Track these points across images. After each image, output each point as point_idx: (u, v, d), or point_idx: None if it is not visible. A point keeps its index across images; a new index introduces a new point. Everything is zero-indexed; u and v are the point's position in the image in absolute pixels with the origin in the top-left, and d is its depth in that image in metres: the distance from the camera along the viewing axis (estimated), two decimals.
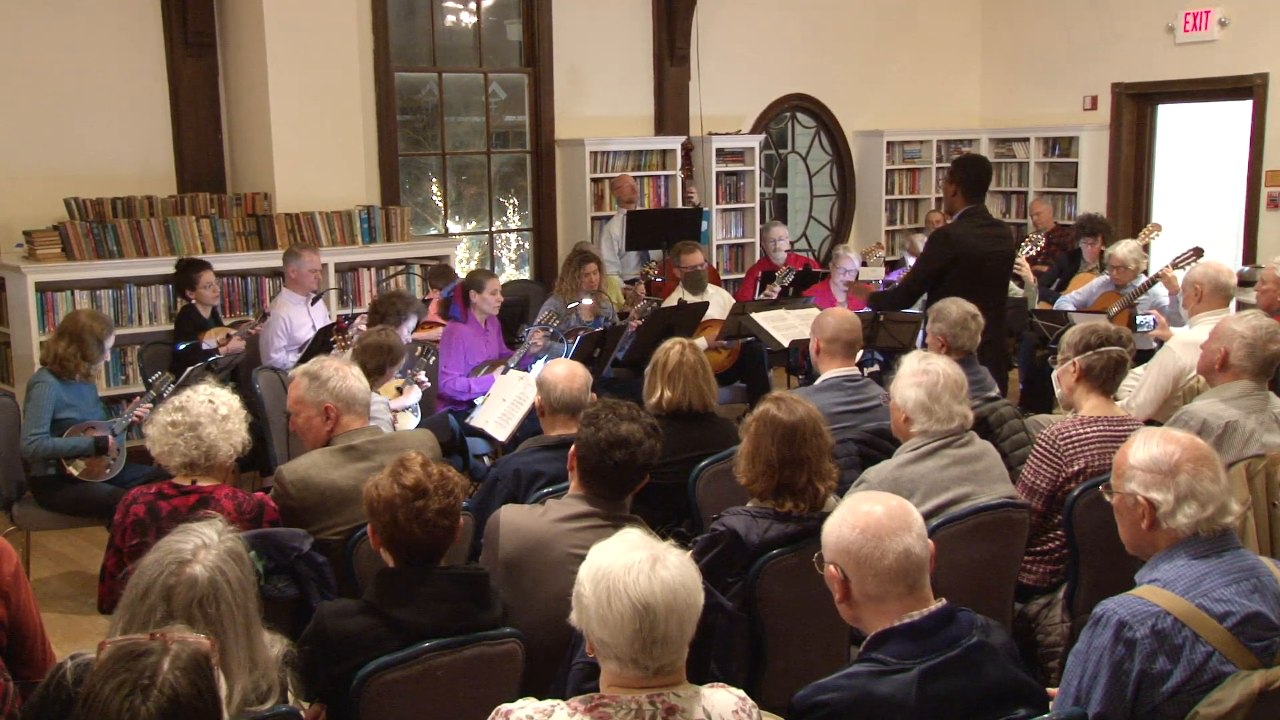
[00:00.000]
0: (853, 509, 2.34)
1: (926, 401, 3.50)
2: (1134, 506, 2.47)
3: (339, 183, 7.53)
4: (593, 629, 2.04)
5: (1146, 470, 2.45)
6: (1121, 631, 2.29)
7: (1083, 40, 10.50)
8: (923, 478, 3.45)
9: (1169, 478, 2.41)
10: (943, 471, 3.47)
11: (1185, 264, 6.84)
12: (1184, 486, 2.40)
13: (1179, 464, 2.41)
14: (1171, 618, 2.29)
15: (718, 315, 7.08)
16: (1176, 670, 2.27)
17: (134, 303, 6.76)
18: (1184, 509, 2.40)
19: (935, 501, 3.41)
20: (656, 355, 4.20)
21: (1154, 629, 2.28)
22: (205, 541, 2.23)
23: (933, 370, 3.53)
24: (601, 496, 3.13)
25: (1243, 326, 3.97)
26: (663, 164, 9.45)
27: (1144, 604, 2.32)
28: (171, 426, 3.29)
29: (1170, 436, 2.48)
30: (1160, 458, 2.44)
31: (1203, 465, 2.42)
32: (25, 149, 6.91)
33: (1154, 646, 2.27)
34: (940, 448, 3.50)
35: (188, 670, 1.74)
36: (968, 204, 5.65)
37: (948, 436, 3.51)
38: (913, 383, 3.53)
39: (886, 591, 2.27)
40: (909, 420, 3.54)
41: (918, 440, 3.53)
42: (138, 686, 1.70)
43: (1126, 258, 6.80)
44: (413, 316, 5.78)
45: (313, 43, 7.29)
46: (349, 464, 3.52)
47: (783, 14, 10.11)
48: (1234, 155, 9.75)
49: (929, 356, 3.64)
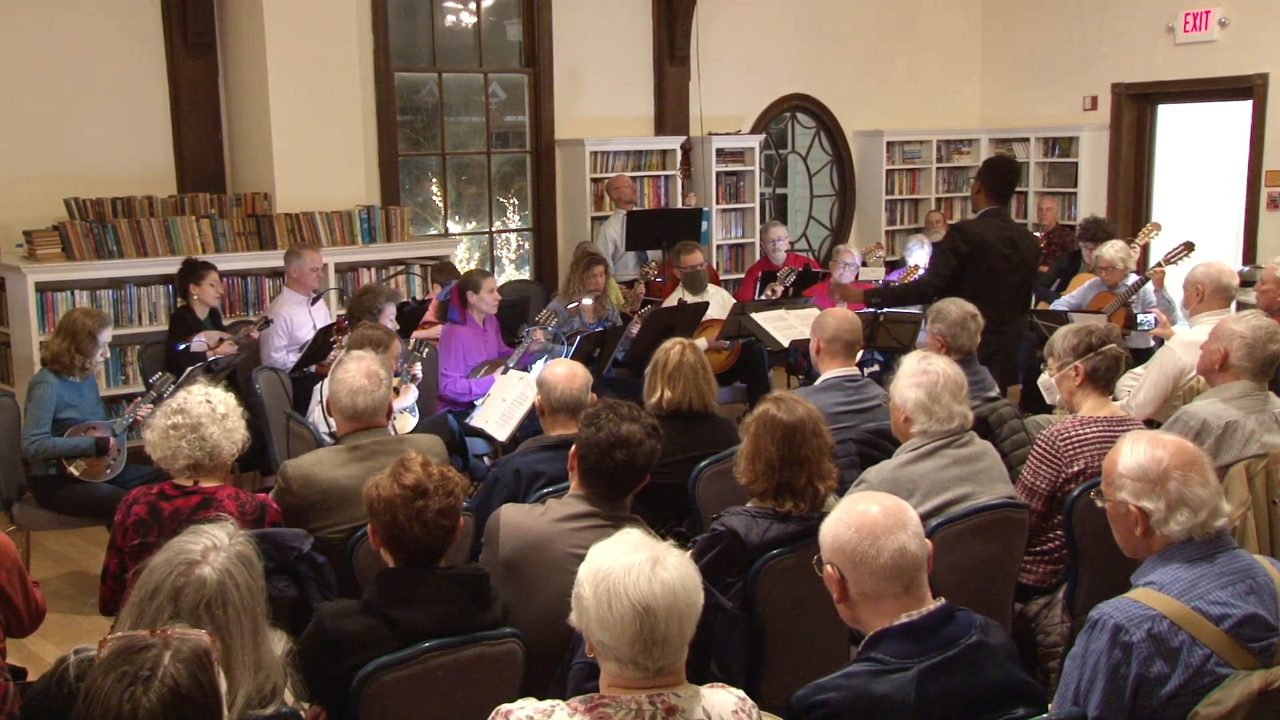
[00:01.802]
0: (849, 509, 2.34)
1: (926, 402, 3.49)
2: (1126, 514, 2.47)
3: (339, 183, 7.53)
4: (592, 630, 2.04)
5: (1136, 479, 2.45)
6: (1118, 635, 2.29)
7: (1083, 40, 10.50)
8: (922, 477, 3.45)
9: (1159, 486, 2.42)
10: (942, 471, 3.47)
11: (1177, 259, 6.86)
12: (1174, 494, 2.40)
13: (1167, 471, 2.42)
14: (1168, 621, 2.29)
15: (718, 315, 7.08)
16: (1174, 674, 2.27)
17: (134, 303, 6.76)
18: (1176, 516, 2.40)
19: (935, 501, 3.41)
20: (656, 355, 4.20)
21: (1150, 632, 2.28)
22: (215, 544, 2.23)
23: (933, 370, 3.52)
24: (602, 496, 3.13)
25: (1242, 326, 3.97)
26: (662, 164, 9.46)
27: (1140, 608, 2.32)
28: (173, 430, 3.28)
29: (1157, 441, 2.48)
30: (1148, 465, 2.44)
31: (1191, 470, 2.42)
32: (25, 149, 6.91)
33: (1151, 650, 2.27)
34: (940, 448, 3.50)
35: (188, 663, 1.74)
36: (990, 204, 5.68)
37: (947, 436, 3.50)
38: (913, 383, 3.53)
39: (882, 590, 2.27)
40: (909, 420, 3.54)
41: (917, 440, 3.52)
42: (138, 678, 1.71)
43: (1114, 258, 6.81)
44: (389, 304, 5.77)
45: (313, 43, 7.29)
46: (354, 463, 3.52)
47: (783, 14, 10.11)
48: (1234, 155, 9.75)
49: (929, 357, 3.63)
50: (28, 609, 3.13)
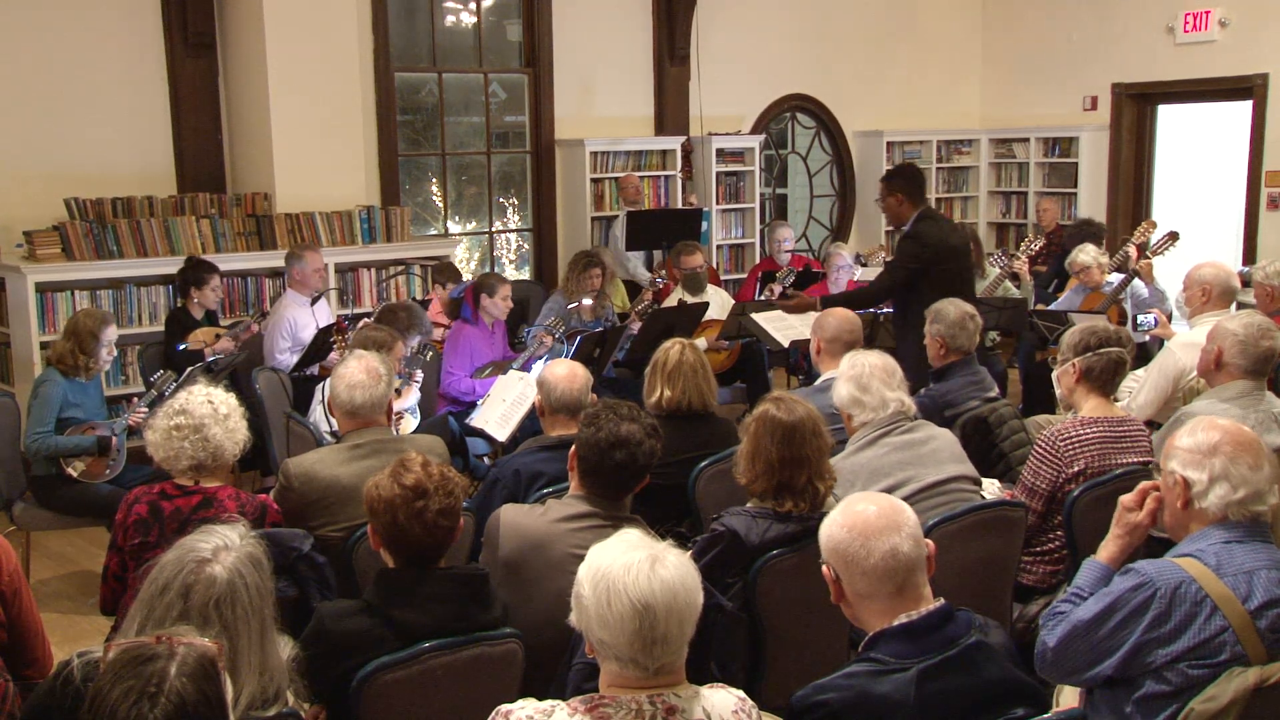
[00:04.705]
0: (846, 509, 2.36)
1: (857, 393, 3.63)
2: (1173, 485, 2.52)
3: (339, 183, 7.53)
4: (592, 629, 2.04)
5: (1188, 450, 2.50)
6: (1144, 583, 2.36)
7: (1083, 40, 10.50)
8: (862, 466, 3.55)
9: (1206, 458, 2.47)
10: (883, 458, 3.56)
11: (1162, 249, 6.88)
12: (1218, 468, 2.45)
13: (1218, 445, 2.47)
14: (1197, 585, 2.34)
15: (717, 315, 7.08)
16: (1185, 635, 2.31)
17: (134, 303, 6.76)
18: (1215, 489, 2.45)
19: (877, 486, 3.46)
20: (656, 355, 4.21)
21: (1176, 590, 2.33)
22: (226, 543, 2.23)
23: (859, 363, 3.67)
24: (601, 496, 3.13)
25: (1235, 325, 3.99)
26: (663, 164, 9.46)
27: (1174, 568, 2.38)
28: (175, 430, 3.28)
29: (1215, 423, 2.54)
30: (1203, 440, 2.50)
31: (1242, 450, 2.46)
32: (25, 149, 6.91)
33: (1169, 606, 2.32)
34: (879, 437, 3.61)
35: (194, 677, 1.75)
36: (916, 209, 5.69)
37: (886, 426, 3.60)
38: (844, 380, 3.68)
39: (874, 591, 2.28)
40: (850, 417, 3.68)
41: (859, 434, 3.64)
42: (145, 693, 1.72)
43: (1086, 261, 6.87)
44: (416, 334, 5.69)
45: (313, 43, 7.29)
46: (354, 461, 3.53)
47: (783, 14, 10.11)
48: (1234, 155, 9.75)
49: (857, 353, 3.75)
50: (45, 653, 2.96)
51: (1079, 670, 2.44)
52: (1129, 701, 2.37)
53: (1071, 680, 2.52)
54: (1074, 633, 2.42)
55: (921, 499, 3.47)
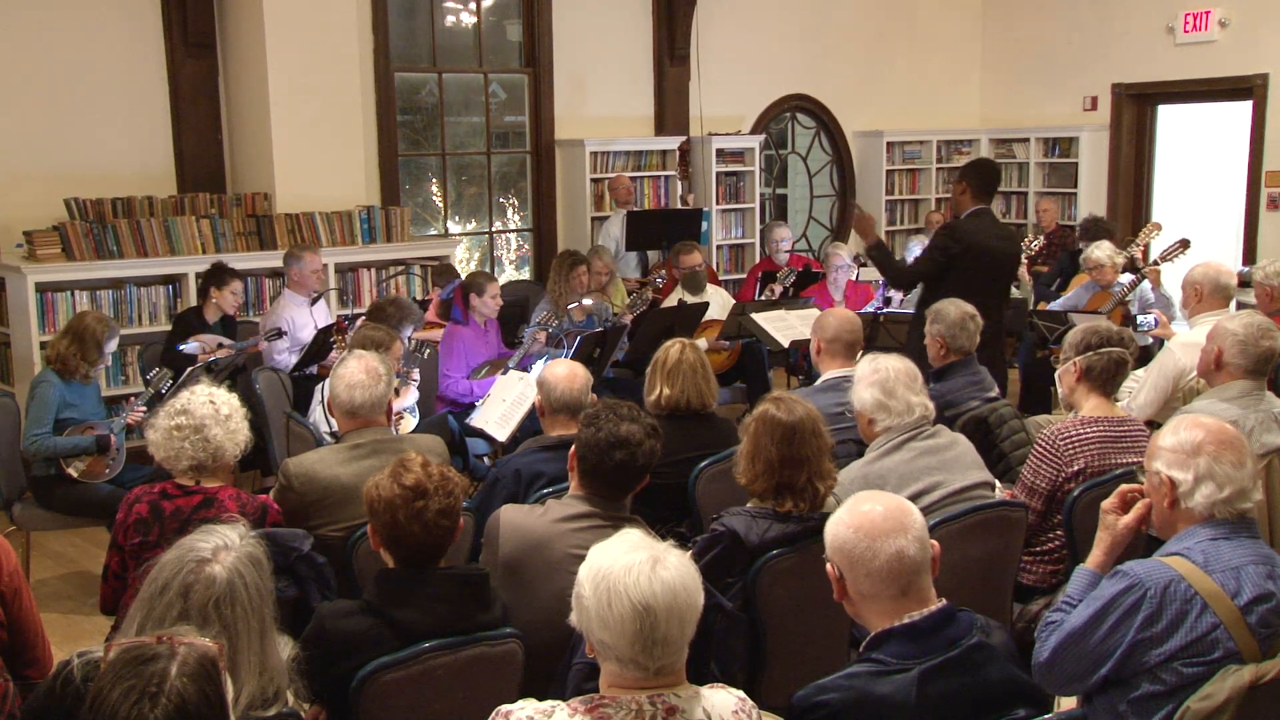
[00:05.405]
0: (853, 508, 2.35)
1: (882, 398, 3.58)
2: (1159, 485, 2.52)
3: (339, 183, 7.53)
4: (593, 630, 2.04)
5: (1172, 451, 2.51)
6: (1134, 585, 2.36)
7: (1083, 40, 10.50)
8: (891, 470, 3.51)
9: (1190, 457, 2.47)
10: (911, 463, 3.53)
11: (1173, 256, 6.87)
12: (1203, 467, 2.45)
13: (1201, 445, 2.47)
14: (1186, 583, 2.34)
15: (717, 315, 7.08)
16: (1177, 634, 2.31)
17: (134, 303, 6.76)
18: (1201, 489, 2.45)
19: (907, 491, 3.43)
20: (657, 354, 4.21)
21: (1165, 589, 2.33)
22: (227, 543, 2.23)
23: (883, 368, 3.62)
24: (601, 496, 3.13)
25: (1235, 325, 3.99)
26: (663, 164, 9.46)
27: (1164, 568, 2.38)
28: (176, 430, 3.28)
29: (1198, 422, 2.54)
30: (1186, 440, 2.50)
31: (1225, 449, 2.46)
32: (25, 149, 6.92)
33: (1161, 606, 2.32)
34: (905, 441, 3.57)
35: (195, 677, 1.76)
36: (975, 204, 5.70)
37: (910, 430, 3.57)
38: (866, 384, 3.63)
39: (878, 592, 2.28)
40: (872, 422, 3.63)
41: (883, 439, 3.60)
42: (145, 694, 1.72)
43: (1102, 258, 6.84)
44: (409, 325, 5.73)
45: (313, 43, 7.29)
46: (354, 461, 3.53)
47: (783, 14, 10.11)
48: (1234, 156, 9.75)
49: (877, 357, 3.71)
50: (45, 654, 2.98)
51: (1077, 678, 2.43)
52: (1124, 702, 2.37)
53: (1071, 689, 2.50)
54: (1067, 641, 2.42)
55: (948, 504, 3.45)
